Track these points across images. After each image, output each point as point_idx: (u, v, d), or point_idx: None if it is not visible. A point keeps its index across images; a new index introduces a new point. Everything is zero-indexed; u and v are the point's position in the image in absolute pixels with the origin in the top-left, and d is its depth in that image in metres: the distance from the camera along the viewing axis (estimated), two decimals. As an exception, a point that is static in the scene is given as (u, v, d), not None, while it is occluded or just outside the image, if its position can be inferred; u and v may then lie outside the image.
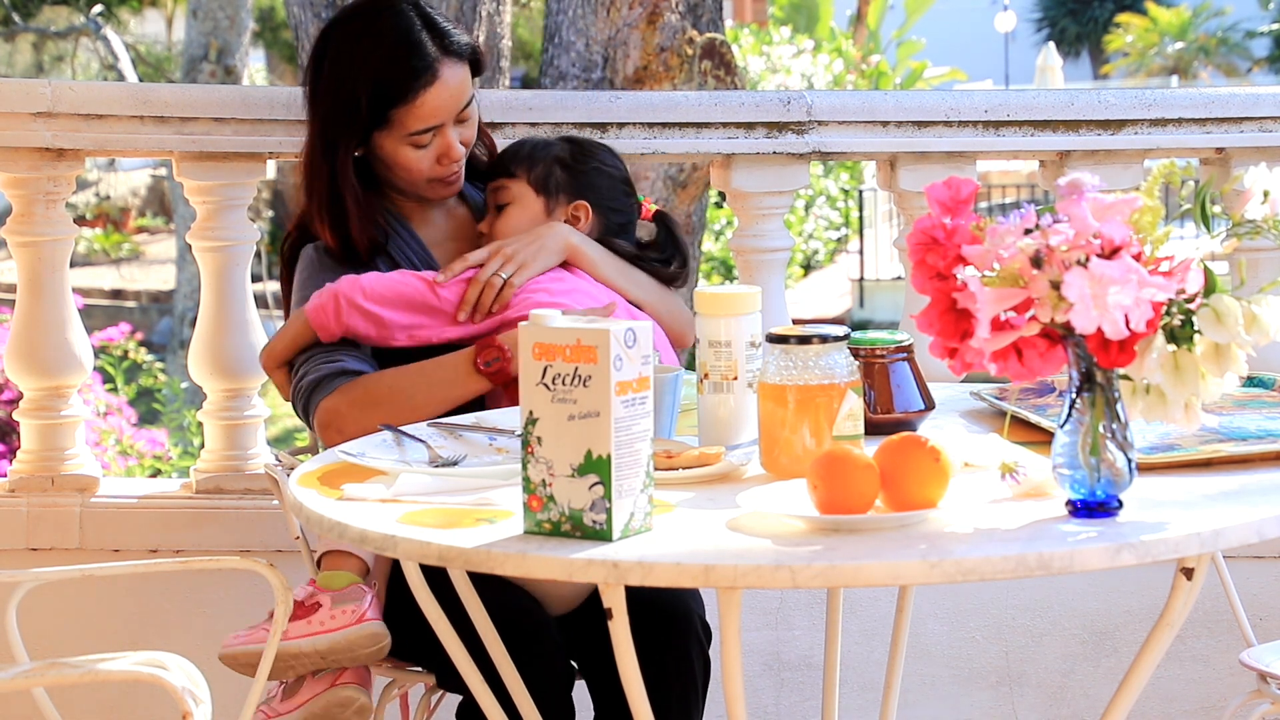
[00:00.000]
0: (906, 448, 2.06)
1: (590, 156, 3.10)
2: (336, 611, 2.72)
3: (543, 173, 3.05)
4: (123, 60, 16.02)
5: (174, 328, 14.96)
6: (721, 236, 15.55)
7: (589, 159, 3.09)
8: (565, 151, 3.08)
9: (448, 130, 3.01)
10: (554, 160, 3.06)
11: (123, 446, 7.84)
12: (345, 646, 2.70)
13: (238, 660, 2.76)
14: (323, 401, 2.84)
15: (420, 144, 3.00)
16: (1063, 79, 27.34)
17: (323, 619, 2.71)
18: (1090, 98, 3.77)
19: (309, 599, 2.73)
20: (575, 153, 3.09)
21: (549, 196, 3.04)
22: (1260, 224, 2.06)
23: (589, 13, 6.00)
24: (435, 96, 2.97)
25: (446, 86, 2.98)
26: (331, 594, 2.73)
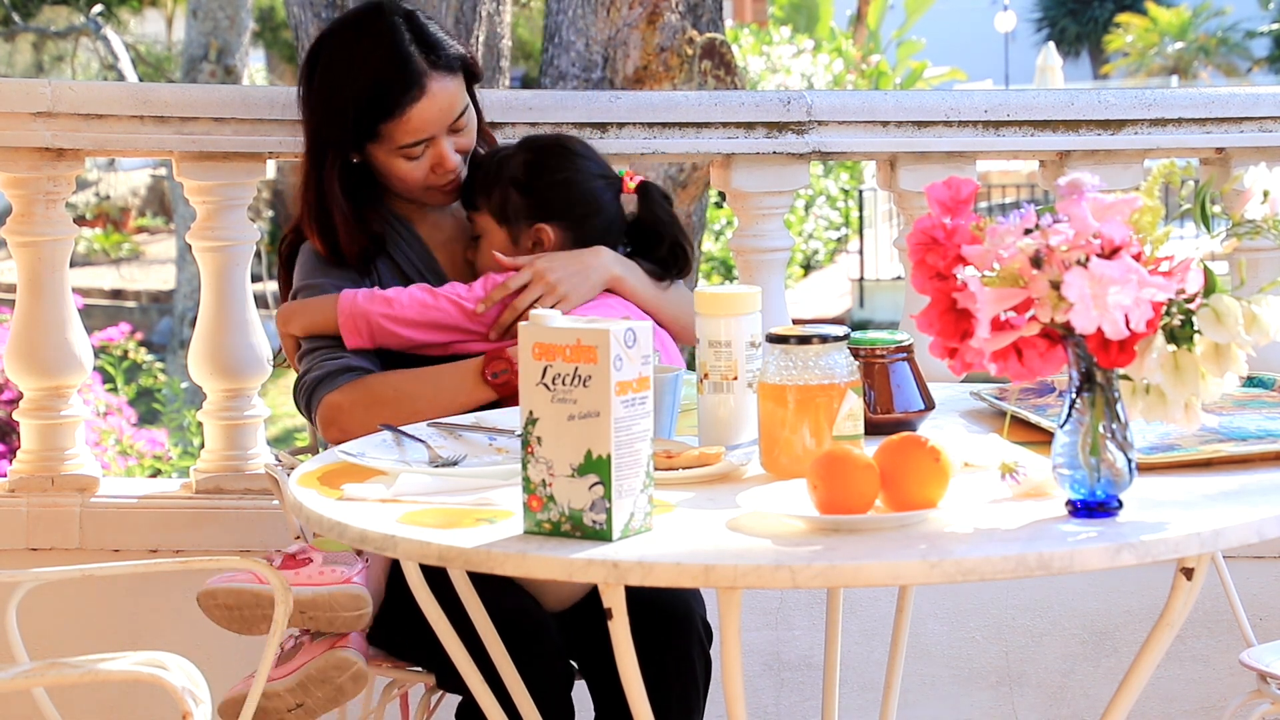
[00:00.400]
0: (906, 448, 2.06)
1: (545, 170, 2.98)
2: (325, 570, 2.72)
3: (499, 201, 2.97)
4: (123, 60, 16.03)
5: (174, 328, 14.96)
6: (721, 236, 15.55)
7: (544, 173, 2.98)
8: (520, 170, 2.98)
9: (441, 141, 3.00)
10: (508, 184, 2.97)
11: (123, 446, 7.84)
12: (326, 603, 2.69)
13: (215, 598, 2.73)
14: (326, 397, 2.85)
15: (412, 156, 3.00)
16: (1063, 79, 27.34)
17: (310, 573, 2.71)
18: (1090, 98, 3.77)
19: (300, 553, 2.73)
20: (530, 171, 2.98)
21: (510, 225, 2.98)
22: (1260, 224, 2.06)
23: (589, 13, 6.00)
24: (423, 111, 2.96)
25: (435, 100, 2.97)
26: (324, 553, 2.74)
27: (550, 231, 2.96)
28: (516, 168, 2.98)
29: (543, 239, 2.97)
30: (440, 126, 2.99)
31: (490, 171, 2.99)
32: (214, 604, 2.74)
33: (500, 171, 2.99)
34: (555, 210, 2.97)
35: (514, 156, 3.00)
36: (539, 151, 3.01)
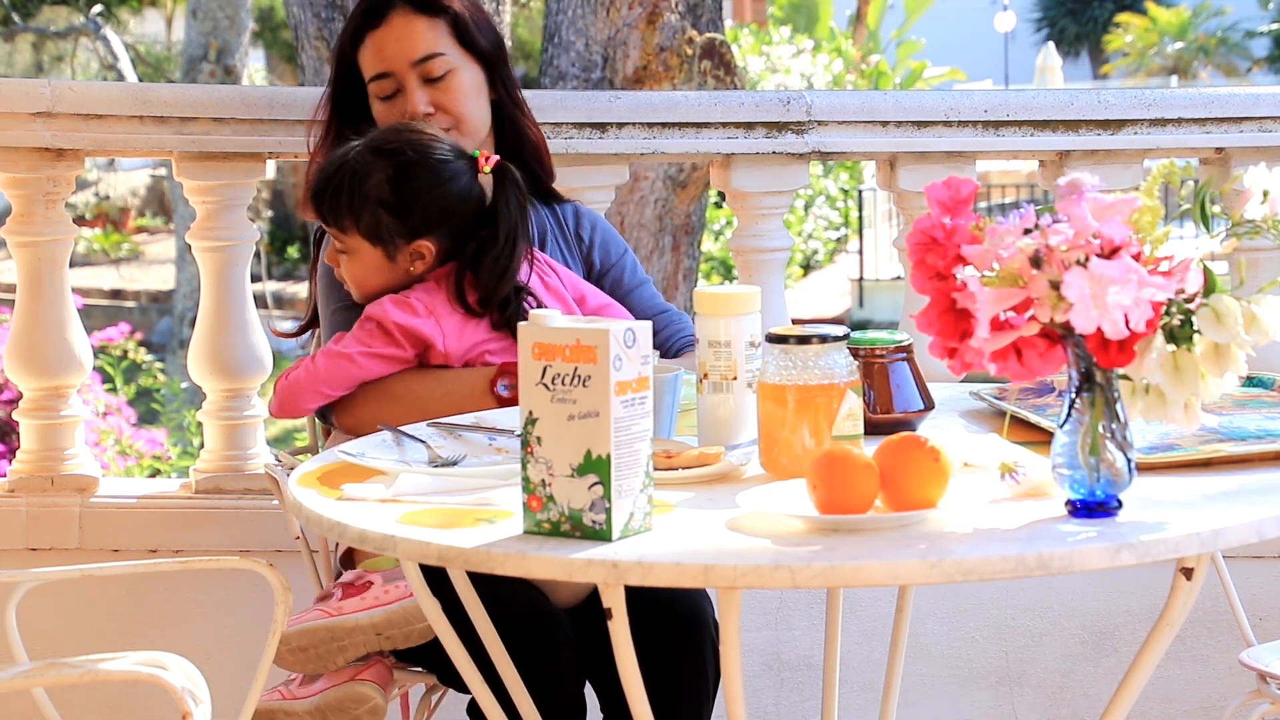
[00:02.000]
0: (906, 448, 2.06)
1: (412, 186, 2.86)
2: (390, 588, 2.72)
3: (370, 222, 2.85)
4: (122, 60, 16.03)
5: (173, 328, 14.97)
6: (721, 236, 15.55)
7: (412, 191, 2.86)
8: (385, 191, 2.84)
9: (410, 86, 3.03)
10: (376, 204, 2.85)
11: (122, 446, 7.84)
12: (402, 619, 2.69)
13: (287, 643, 2.72)
14: None
15: (382, 93, 3.04)
16: (1062, 79, 27.35)
17: (376, 594, 2.71)
18: (1090, 98, 3.77)
19: (358, 579, 2.74)
20: (394, 189, 2.85)
21: (384, 244, 2.88)
22: (1260, 224, 2.06)
23: (589, 13, 6.01)
24: (380, 39, 3.03)
25: (393, 31, 3.02)
26: (381, 573, 2.74)
27: (430, 246, 2.88)
28: (381, 187, 2.85)
29: (423, 253, 2.88)
30: (401, 63, 3.02)
31: (347, 189, 2.86)
32: (286, 650, 2.73)
33: (360, 189, 2.85)
34: (431, 225, 2.87)
35: (370, 172, 2.85)
36: (397, 165, 2.86)
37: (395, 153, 2.86)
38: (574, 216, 3.17)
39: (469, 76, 3.07)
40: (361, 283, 2.91)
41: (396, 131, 2.90)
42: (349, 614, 2.70)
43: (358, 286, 2.92)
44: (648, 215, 6.14)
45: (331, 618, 2.71)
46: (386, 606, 2.69)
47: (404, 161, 2.86)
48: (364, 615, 2.69)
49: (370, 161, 2.86)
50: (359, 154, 2.87)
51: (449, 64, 3.05)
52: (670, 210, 6.16)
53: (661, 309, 3.12)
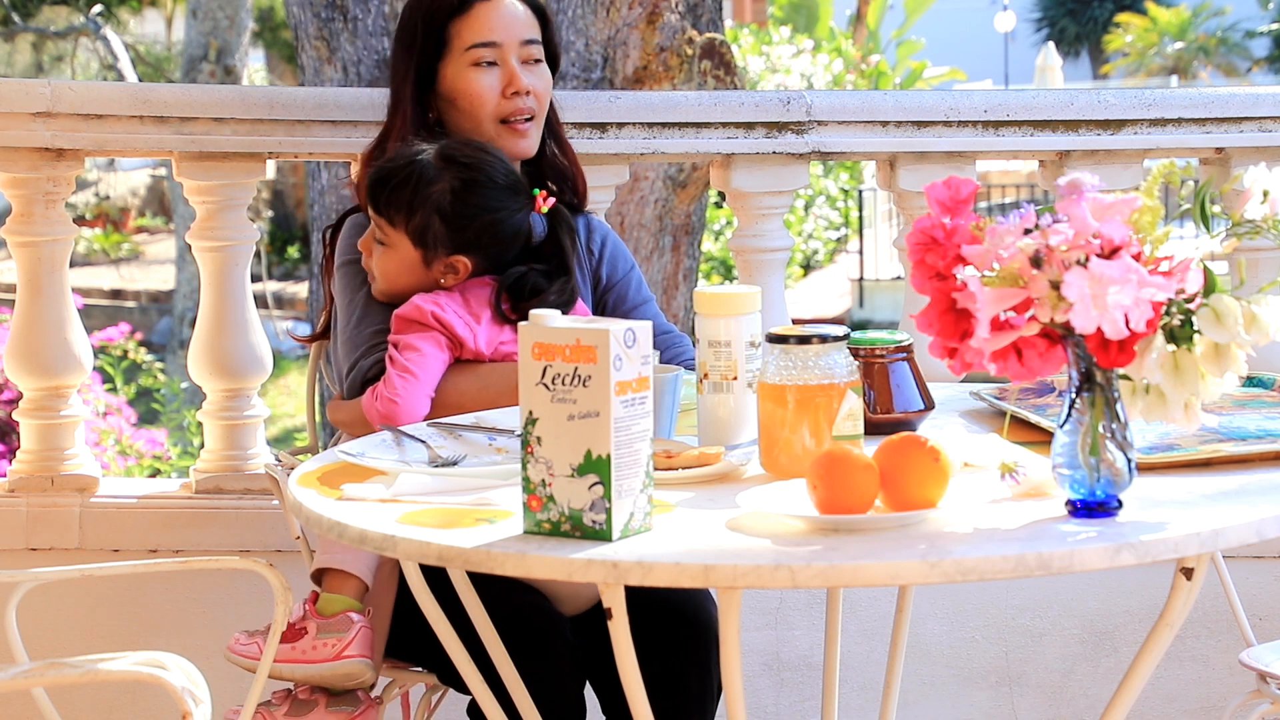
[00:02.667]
0: (906, 448, 2.06)
1: (473, 204, 2.89)
2: (319, 643, 2.73)
3: (420, 224, 2.88)
4: (122, 60, 16.02)
5: (173, 328, 14.97)
6: (721, 236, 15.55)
7: (472, 208, 2.89)
8: (446, 200, 2.88)
9: (512, 62, 3.05)
10: (434, 211, 2.88)
11: (122, 446, 7.84)
12: (318, 681, 2.74)
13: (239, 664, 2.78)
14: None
15: (480, 60, 3.05)
16: (1062, 79, 27.34)
17: (304, 648, 2.73)
18: (1090, 98, 3.77)
19: (299, 621, 2.75)
20: (456, 201, 2.88)
21: (426, 249, 2.90)
22: (1260, 224, 2.06)
23: (589, 13, 6.00)
24: (490, 10, 3.05)
25: (503, 5, 3.06)
26: (319, 621, 2.74)
27: (467, 263, 2.91)
28: (443, 196, 2.88)
29: (458, 268, 2.91)
30: (509, 36, 3.05)
31: (411, 186, 2.89)
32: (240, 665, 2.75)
33: (423, 191, 2.88)
34: (478, 246, 2.90)
35: (437, 178, 2.89)
36: (465, 180, 2.89)
37: (467, 167, 2.90)
38: (586, 229, 3.18)
39: (548, 74, 3.13)
40: (389, 278, 2.93)
41: (473, 148, 2.94)
42: (279, 661, 2.73)
43: (385, 280, 2.93)
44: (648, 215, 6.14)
45: (256, 661, 2.73)
46: (307, 666, 2.73)
47: (472, 179, 2.90)
48: (287, 668, 2.72)
49: (441, 168, 2.89)
50: (432, 157, 2.90)
51: (541, 54, 3.11)
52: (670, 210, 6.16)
53: (663, 329, 3.11)
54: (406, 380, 2.79)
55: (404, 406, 2.79)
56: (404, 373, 2.80)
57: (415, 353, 2.82)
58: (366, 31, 6.46)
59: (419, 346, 2.83)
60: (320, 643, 2.73)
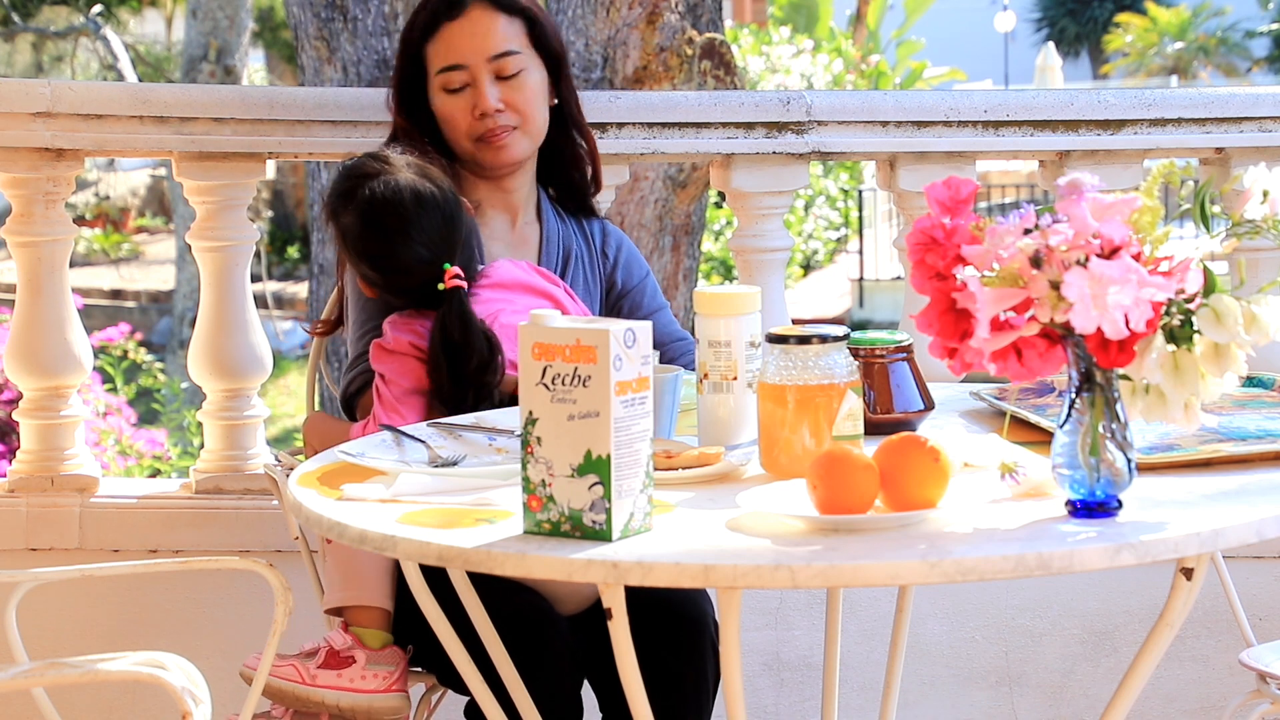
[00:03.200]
0: (906, 448, 2.06)
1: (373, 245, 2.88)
2: (369, 673, 2.74)
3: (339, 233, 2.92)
4: (122, 60, 16.02)
5: (173, 328, 14.97)
6: (721, 236, 15.55)
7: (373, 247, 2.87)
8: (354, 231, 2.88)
9: (482, 81, 3.04)
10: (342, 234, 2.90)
11: (122, 446, 7.84)
12: (365, 711, 2.74)
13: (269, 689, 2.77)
14: None
15: (450, 86, 3.06)
16: (1062, 79, 27.34)
17: (352, 676, 2.73)
18: (1090, 98, 3.77)
19: (345, 650, 2.75)
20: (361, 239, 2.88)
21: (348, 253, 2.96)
22: (1260, 224, 2.06)
23: (588, 13, 6.00)
24: (457, 31, 3.04)
25: (470, 24, 3.04)
26: (368, 652, 2.75)
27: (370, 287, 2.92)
28: (351, 224, 2.87)
29: (360, 287, 2.94)
30: (477, 56, 3.04)
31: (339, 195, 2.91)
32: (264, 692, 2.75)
33: (343, 205, 2.89)
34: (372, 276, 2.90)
35: (349, 205, 2.88)
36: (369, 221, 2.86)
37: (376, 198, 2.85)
38: (600, 234, 3.18)
39: (537, 78, 3.10)
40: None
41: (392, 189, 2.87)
42: (321, 687, 2.73)
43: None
44: (648, 215, 6.14)
45: (304, 685, 2.73)
46: (355, 694, 2.73)
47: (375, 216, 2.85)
48: (331, 694, 2.73)
49: (355, 199, 2.87)
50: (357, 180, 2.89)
51: (521, 63, 3.08)
52: (670, 210, 6.16)
53: (677, 336, 3.11)
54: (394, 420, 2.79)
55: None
56: (391, 411, 2.80)
57: (400, 389, 2.82)
58: (366, 31, 6.46)
59: (403, 384, 2.83)
60: (370, 673, 2.74)
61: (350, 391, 2.96)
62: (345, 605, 2.79)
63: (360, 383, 2.93)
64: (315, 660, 2.75)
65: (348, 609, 2.80)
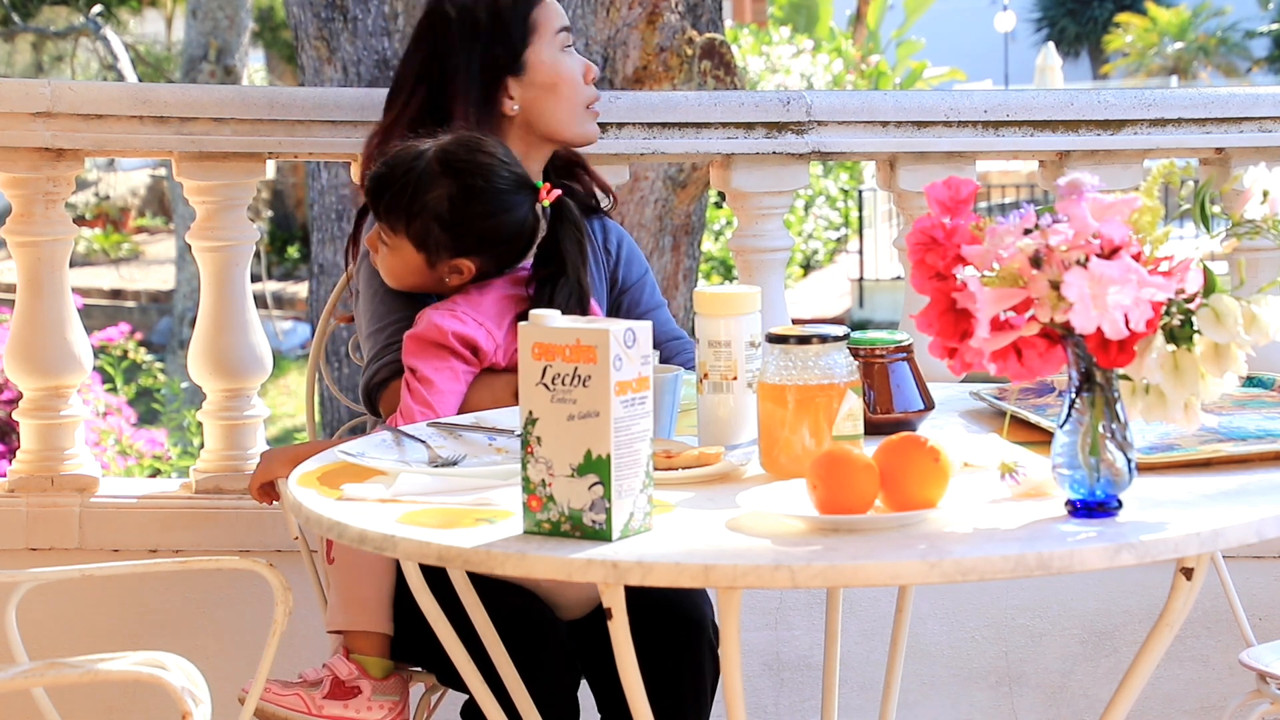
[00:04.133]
0: (906, 448, 2.06)
1: (470, 210, 2.85)
2: (375, 703, 2.75)
3: (420, 230, 2.85)
4: (122, 60, 16.02)
5: (173, 328, 14.97)
6: (721, 236, 15.55)
7: (470, 214, 2.85)
8: (444, 207, 2.84)
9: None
10: (432, 218, 2.84)
11: (122, 446, 7.84)
12: None
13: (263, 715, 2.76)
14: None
15: (567, 44, 3.10)
16: (1062, 79, 27.35)
17: (359, 706, 2.74)
18: (1090, 98, 3.77)
19: (350, 679, 2.75)
20: (454, 208, 2.84)
21: (429, 253, 2.86)
22: (1260, 224, 2.06)
23: (588, 13, 6.00)
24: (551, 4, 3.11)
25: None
26: (373, 682, 2.75)
27: (470, 265, 2.87)
28: (440, 203, 2.84)
29: (462, 270, 2.88)
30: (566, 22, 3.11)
31: (409, 194, 2.86)
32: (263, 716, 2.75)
33: (420, 198, 2.85)
34: (479, 250, 2.87)
35: (434, 184, 2.85)
36: (463, 187, 2.85)
37: (463, 173, 2.86)
38: (602, 230, 3.18)
39: None
40: (396, 277, 2.92)
41: (470, 149, 2.89)
42: (327, 716, 2.73)
43: (391, 278, 2.93)
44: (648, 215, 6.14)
45: (310, 715, 2.73)
46: None
47: (469, 185, 2.85)
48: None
49: (437, 174, 2.85)
50: (428, 162, 2.86)
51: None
52: (670, 210, 6.16)
53: (674, 335, 3.11)
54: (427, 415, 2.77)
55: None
56: (424, 407, 2.77)
57: (432, 387, 2.79)
58: (366, 31, 6.45)
59: (435, 381, 2.79)
60: (376, 704, 2.75)
61: (374, 383, 2.92)
62: (347, 630, 2.79)
63: (386, 374, 2.91)
64: (320, 690, 2.75)
65: (349, 634, 2.80)
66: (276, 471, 2.92)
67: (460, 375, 2.82)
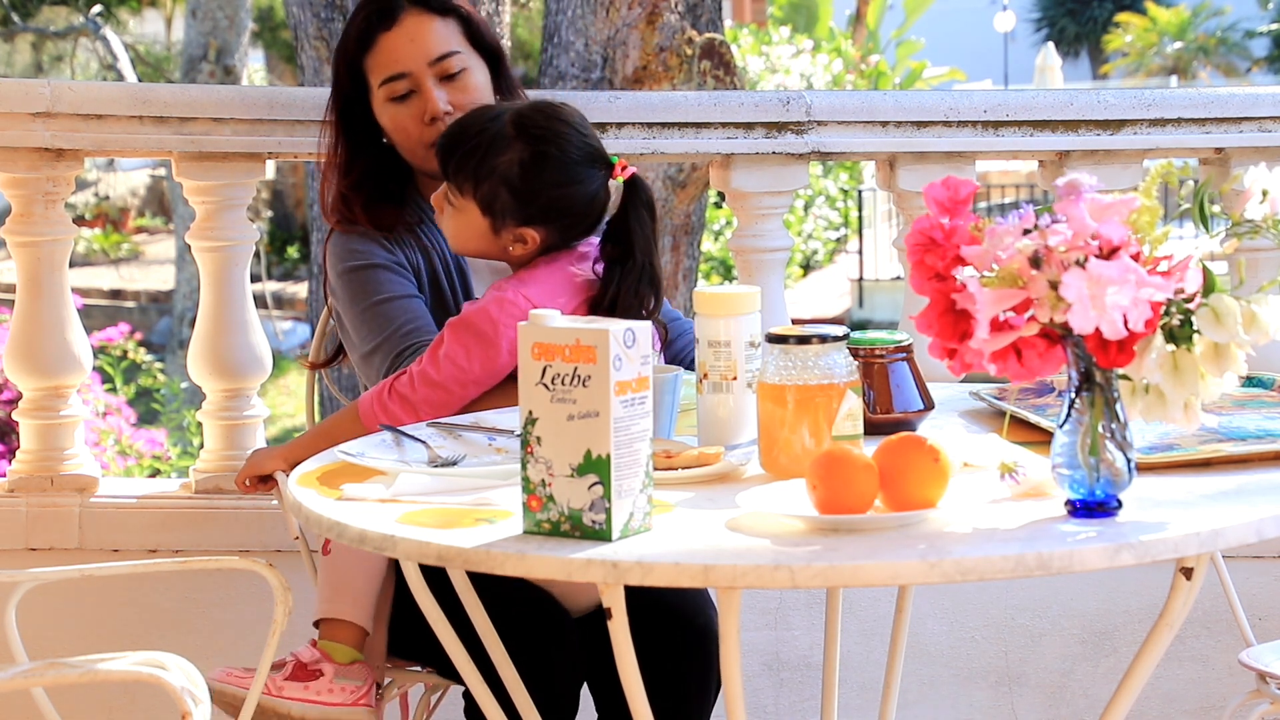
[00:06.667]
0: (906, 448, 2.06)
1: (543, 177, 2.80)
2: (336, 686, 2.73)
3: (488, 194, 2.80)
4: (122, 60, 16.02)
5: (173, 328, 14.97)
6: (721, 236, 15.55)
7: (541, 181, 2.80)
8: (514, 172, 2.79)
9: (427, 86, 3.01)
10: (501, 182, 2.79)
11: (122, 446, 7.84)
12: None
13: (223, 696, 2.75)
14: None
15: (395, 94, 3.02)
16: (1062, 79, 27.35)
17: (319, 689, 2.73)
18: (1089, 98, 3.77)
19: (313, 663, 2.74)
20: (524, 174, 2.79)
21: (494, 218, 2.81)
22: (1259, 224, 2.06)
23: (588, 13, 6.01)
24: (393, 40, 3.01)
25: (405, 31, 3.01)
26: (336, 666, 2.74)
27: (536, 236, 2.83)
28: (511, 167, 2.79)
29: (527, 239, 2.83)
30: (416, 63, 3.00)
31: (479, 155, 2.80)
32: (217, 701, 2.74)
33: (491, 160, 2.80)
34: (545, 219, 2.82)
35: (507, 148, 2.80)
36: (535, 152, 2.80)
37: (539, 139, 2.80)
38: None
39: (481, 76, 3.07)
40: (459, 240, 2.87)
41: (547, 116, 2.84)
42: (287, 698, 2.72)
43: (454, 241, 2.88)
44: (647, 215, 6.13)
45: (269, 695, 2.72)
46: (323, 707, 2.72)
47: (543, 152, 2.80)
48: (298, 706, 2.72)
49: (512, 137, 2.80)
50: (505, 124, 2.82)
51: (463, 62, 3.05)
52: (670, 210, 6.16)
53: (670, 316, 3.10)
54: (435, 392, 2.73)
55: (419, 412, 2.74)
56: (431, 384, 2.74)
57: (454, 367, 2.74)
58: (366, 31, 6.45)
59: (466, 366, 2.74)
60: (338, 686, 2.73)
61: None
62: (324, 617, 2.79)
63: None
64: (282, 673, 2.74)
65: (325, 621, 2.79)
66: (265, 466, 2.92)
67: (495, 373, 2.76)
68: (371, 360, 2.94)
